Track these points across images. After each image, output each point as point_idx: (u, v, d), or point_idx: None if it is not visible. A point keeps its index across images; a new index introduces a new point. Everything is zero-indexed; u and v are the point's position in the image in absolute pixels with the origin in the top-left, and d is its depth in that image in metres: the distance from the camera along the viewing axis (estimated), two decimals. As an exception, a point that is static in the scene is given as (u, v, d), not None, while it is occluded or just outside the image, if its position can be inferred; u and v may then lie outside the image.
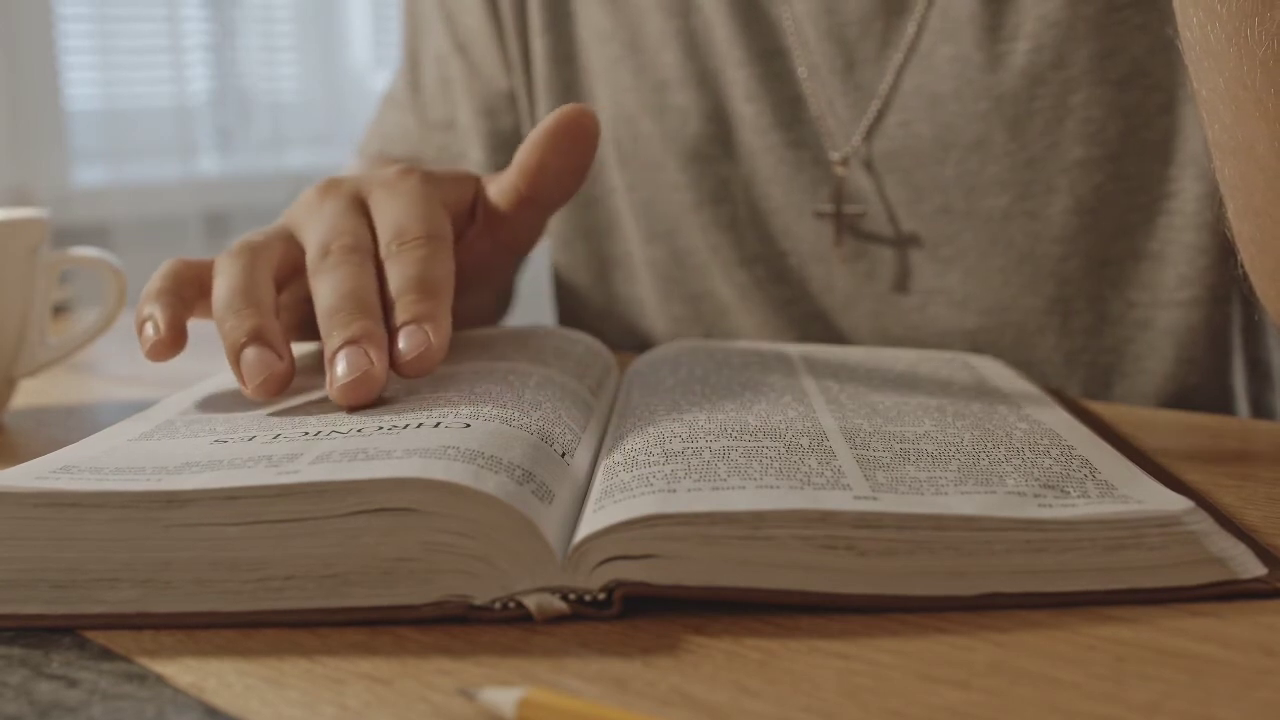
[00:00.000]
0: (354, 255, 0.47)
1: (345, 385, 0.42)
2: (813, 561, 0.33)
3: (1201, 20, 0.41)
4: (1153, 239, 0.61)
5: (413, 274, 0.46)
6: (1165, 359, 0.62)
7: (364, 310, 0.45)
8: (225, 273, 0.47)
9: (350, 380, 0.42)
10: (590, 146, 0.53)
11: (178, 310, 0.47)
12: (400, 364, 0.44)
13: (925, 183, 0.64)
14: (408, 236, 0.47)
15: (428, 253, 0.47)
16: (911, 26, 0.64)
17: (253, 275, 0.47)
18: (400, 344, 0.44)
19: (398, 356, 0.44)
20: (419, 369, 0.44)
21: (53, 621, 0.34)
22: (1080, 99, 0.60)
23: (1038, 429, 0.43)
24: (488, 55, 0.77)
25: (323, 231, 0.48)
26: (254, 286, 0.46)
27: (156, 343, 0.46)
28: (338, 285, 0.45)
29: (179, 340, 0.47)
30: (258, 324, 0.45)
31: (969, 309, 0.64)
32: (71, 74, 1.89)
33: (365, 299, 0.45)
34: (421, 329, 0.44)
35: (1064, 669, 0.30)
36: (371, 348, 0.43)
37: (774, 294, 0.70)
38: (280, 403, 0.45)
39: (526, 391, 0.44)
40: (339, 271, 0.46)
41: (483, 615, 0.33)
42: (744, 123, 0.69)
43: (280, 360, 0.44)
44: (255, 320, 0.45)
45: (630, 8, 0.72)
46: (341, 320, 0.44)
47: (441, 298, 0.46)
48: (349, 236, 0.48)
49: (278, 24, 2.18)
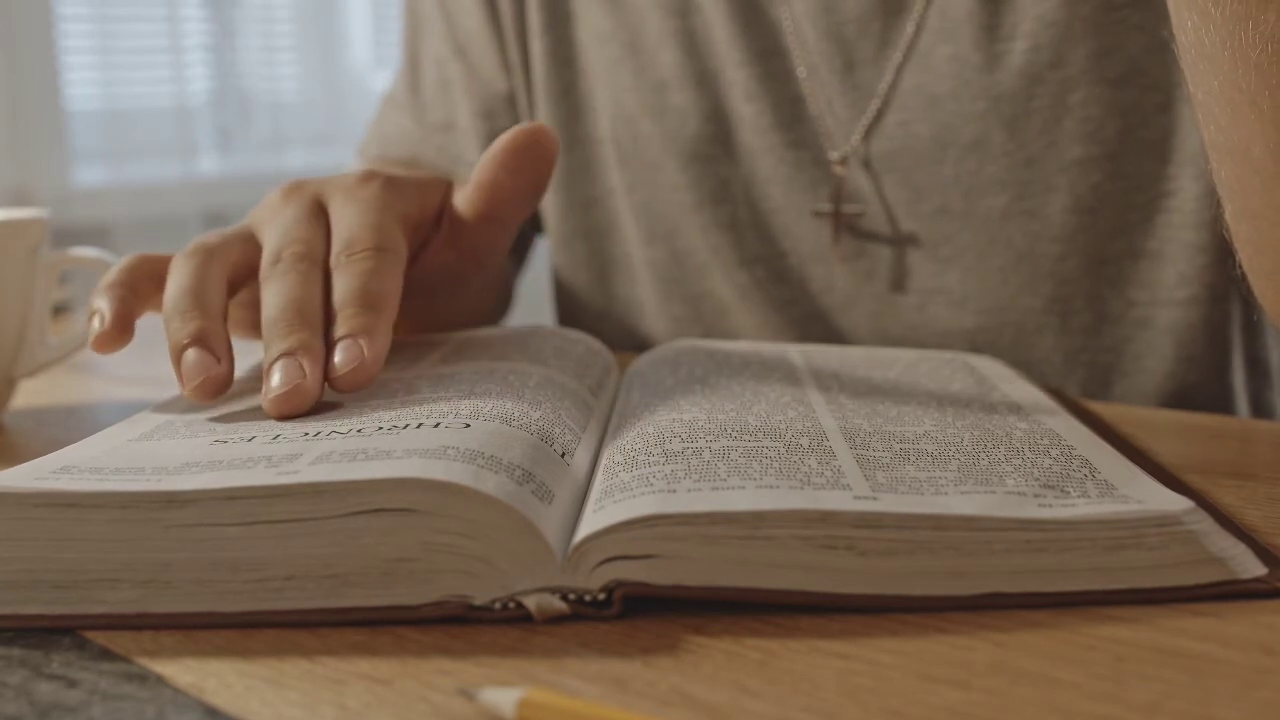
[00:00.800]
0: (302, 264, 0.47)
1: (277, 397, 0.43)
2: (813, 561, 0.33)
3: (1195, 24, 0.41)
4: (1151, 238, 0.61)
5: (356, 286, 0.46)
6: (1165, 358, 0.62)
7: (304, 321, 0.45)
8: (177, 273, 0.47)
9: (282, 393, 0.43)
10: (546, 166, 0.53)
11: (127, 303, 0.48)
12: (333, 378, 0.44)
13: (924, 182, 0.64)
14: (356, 248, 0.47)
15: (373, 265, 0.47)
16: (910, 26, 0.64)
17: (203, 277, 0.47)
18: (335, 358, 0.44)
19: (332, 370, 0.44)
20: (351, 383, 0.44)
21: (53, 622, 0.34)
22: (1078, 98, 0.60)
23: (1038, 429, 0.43)
24: (486, 57, 0.77)
25: (278, 236, 0.48)
26: (203, 289, 0.47)
27: (100, 335, 0.47)
28: (282, 294, 0.46)
29: (123, 333, 0.47)
30: (201, 326, 0.45)
31: (968, 309, 0.64)
32: (71, 74, 1.89)
33: (306, 310, 0.45)
34: (357, 343, 0.44)
35: (1064, 669, 0.30)
36: (306, 360, 0.43)
37: (774, 294, 0.70)
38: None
39: (526, 391, 0.44)
40: (285, 280, 0.46)
41: (483, 615, 0.33)
42: (743, 123, 0.69)
43: (218, 364, 0.45)
44: (199, 323, 0.45)
45: (630, 8, 0.72)
46: (280, 331, 0.45)
47: (382, 311, 0.46)
48: (300, 244, 0.48)
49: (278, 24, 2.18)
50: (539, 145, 0.52)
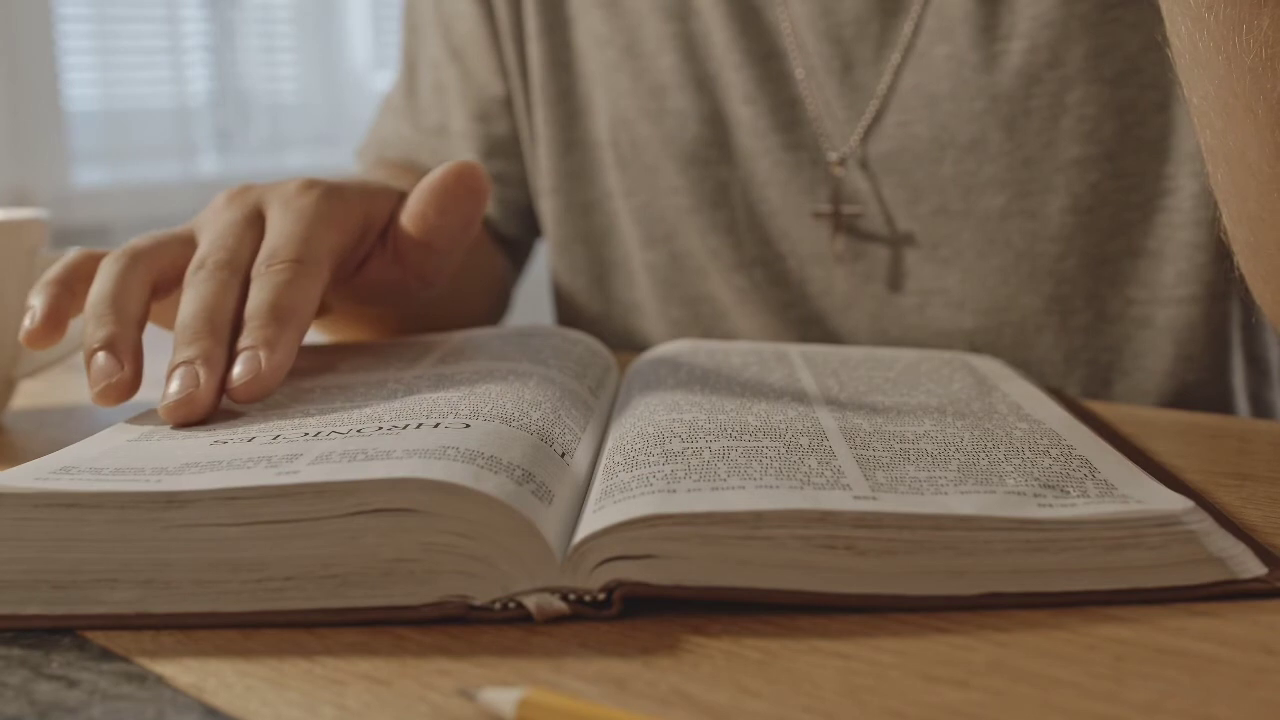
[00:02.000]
0: (222, 272, 0.47)
1: (169, 405, 0.43)
2: (812, 561, 0.33)
3: (1190, 29, 0.41)
4: (1150, 236, 0.61)
5: (266, 299, 0.46)
6: (1164, 356, 0.62)
7: (210, 330, 0.45)
8: (101, 276, 0.48)
9: (174, 401, 0.43)
10: (476, 205, 0.53)
11: (61, 301, 0.48)
12: (230, 389, 0.44)
13: (923, 183, 0.64)
14: (277, 259, 0.48)
15: (288, 278, 0.47)
16: (908, 27, 0.64)
17: (124, 282, 0.48)
18: (235, 369, 0.45)
19: (230, 381, 0.44)
20: (246, 395, 0.44)
21: (53, 622, 0.34)
22: (1076, 97, 0.60)
23: (1037, 429, 0.43)
24: (482, 61, 0.77)
25: (208, 242, 0.49)
26: (122, 293, 0.47)
27: (30, 331, 0.48)
28: (195, 301, 0.46)
29: (54, 331, 0.48)
30: (111, 333, 0.46)
31: (967, 309, 0.64)
32: (71, 74, 1.89)
33: (215, 319, 0.46)
34: (256, 355, 0.45)
35: (1064, 669, 0.30)
36: (204, 370, 0.44)
37: (773, 297, 0.69)
38: (280, 402, 0.45)
39: (526, 391, 0.44)
40: (203, 288, 0.47)
41: (482, 615, 0.33)
42: (742, 125, 0.69)
43: (121, 369, 0.45)
44: (110, 329, 0.46)
45: (628, 12, 0.72)
46: (185, 338, 0.45)
47: (288, 324, 0.46)
48: (225, 252, 0.48)
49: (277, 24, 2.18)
50: (466, 185, 0.52)
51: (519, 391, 0.44)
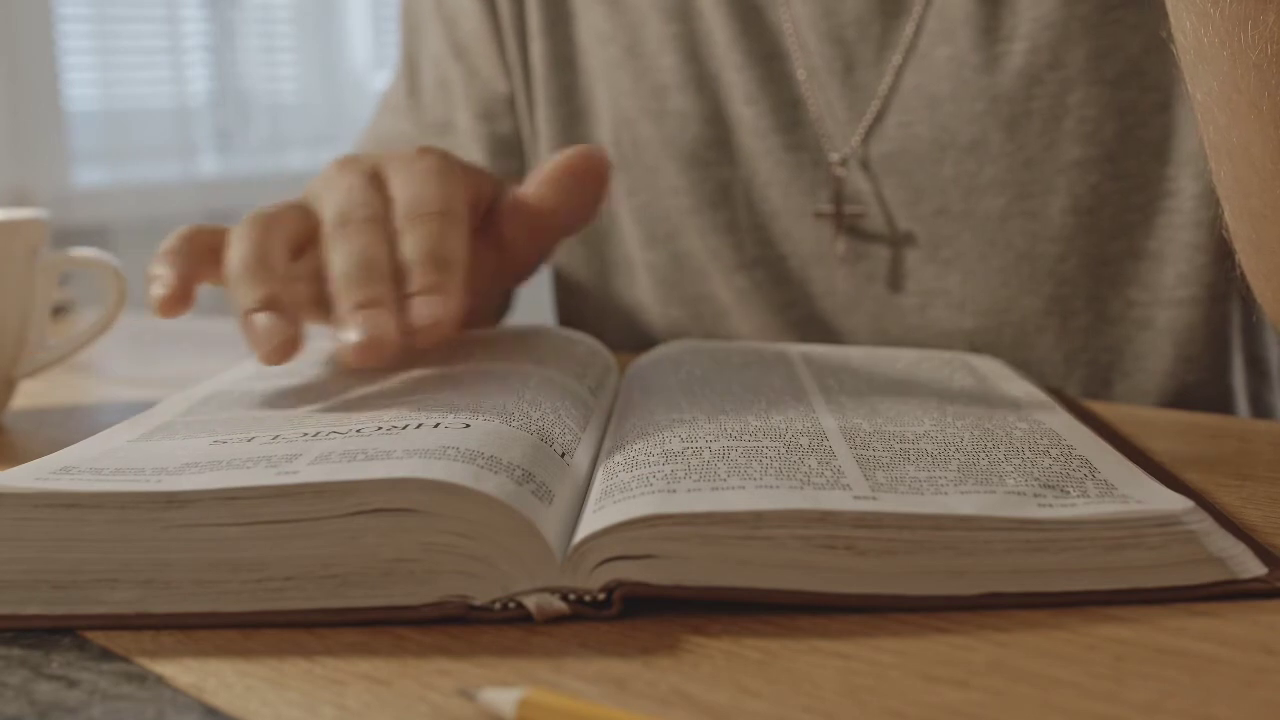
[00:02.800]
0: (370, 225, 0.47)
1: (358, 347, 0.43)
2: (812, 561, 0.33)
3: (1194, 25, 0.41)
4: (1151, 238, 0.61)
5: (426, 247, 0.46)
6: (1165, 358, 0.62)
7: (378, 277, 0.45)
8: (239, 240, 0.47)
9: (363, 342, 0.43)
10: (600, 187, 0.53)
11: (189, 269, 0.48)
12: (412, 332, 0.44)
13: (924, 184, 0.64)
14: (422, 210, 0.47)
15: (440, 227, 0.47)
16: (909, 27, 0.64)
17: (266, 243, 0.47)
18: (414, 312, 0.44)
19: (409, 326, 0.44)
20: (430, 338, 0.44)
21: (53, 622, 0.34)
22: (1077, 99, 0.60)
23: (1038, 429, 0.43)
24: (486, 58, 0.77)
25: (339, 202, 0.48)
26: (267, 254, 0.46)
27: (165, 299, 0.47)
28: (352, 253, 0.46)
29: (187, 297, 0.47)
30: (270, 291, 0.45)
31: (968, 310, 0.64)
32: (71, 74, 1.89)
33: (379, 267, 0.45)
34: (434, 300, 0.44)
35: (1064, 669, 0.30)
36: (384, 313, 0.43)
37: (774, 297, 0.69)
38: (280, 403, 0.45)
39: (526, 391, 0.44)
40: (354, 241, 0.46)
41: (482, 615, 0.33)
42: (743, 126, 0.69)
43: (290, 326, 0.44)
44: (267, 288, 0.45)
45: (630, 11, 0.72)
46: (356, 285, 0.44)
47: (454, 271, 0.46)
48: (364, 208, 0.48)
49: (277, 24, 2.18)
50: (593, 168, 0.52)
51: (519, 391, 0.44)
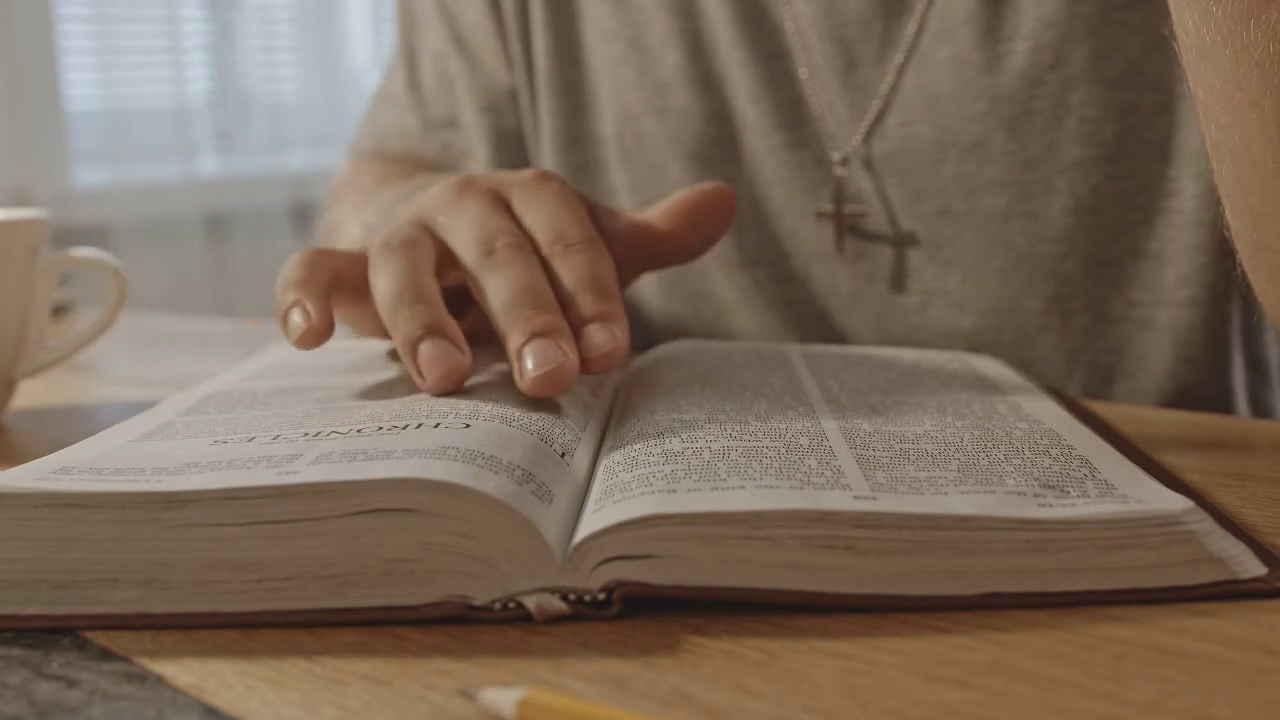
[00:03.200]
0: (522, 253, 0.46)
1: (540, 377, 0.42)
2: (812, 561, 0.33)
3: (1196, 23, 0.41)
4: (1152, 238, 0.61)
5: (586, 273, 0.46)
6: (1165, 358, 0.62)
7: (546, 305, 0.45)
8: (388, 268, 0.46)
9: (546, 372, 0.42)
10: (723, 227, 0.52)
11: (325, 298, 0.47)
12: (589, 360, 0.44)
13: (925, 183, 0.64)
14: (570, 239, 0.47)
15: (594, 255, 0.47)
16: (911, 27, 0.64)
17: (417, 269, 0.46)
18: (590, 340, 0.44)
19: (586, 353, 0.44)
20: (608, 365, 0.44)
21: (53, 622, 0.34)
22: (1078, 99, 0.60)
23: (1038, 429, 0.43)
24: (489, 52, 0.77)
25: (478, 229, 0.48)
26: (421, 280, 0.46)
27: (308, 330, 0.46)
28: (513, 281, 0.45)
29: (329, 327, 0.46)
30: (433, 318, 0.45)
31: (969, 310, 0.64)
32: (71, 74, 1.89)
33: (544, 295, 0.45)
34: (608, 327, 0.45)
35: (1064, 669, 0.30)
36: (562, 340, 0.43)
37: (775, 295, 0.70)
38: (280, 403, 0.45)
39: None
40: (511, 269, 0.46)
41: (483, 615, 0.33)
42: (746, 124, 0.69)
43: (461, 354, 0.44)
44: (430, 315, 0.45)
45: (634, 8, 0.72)
46: (526, 314, 0.44)
47: (617, 299, 0.46)
48: (511, 235, 0.47)
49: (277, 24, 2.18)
50: (723, 206, 0.52)
51: (519, 391, 0.44)
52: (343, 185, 0.82)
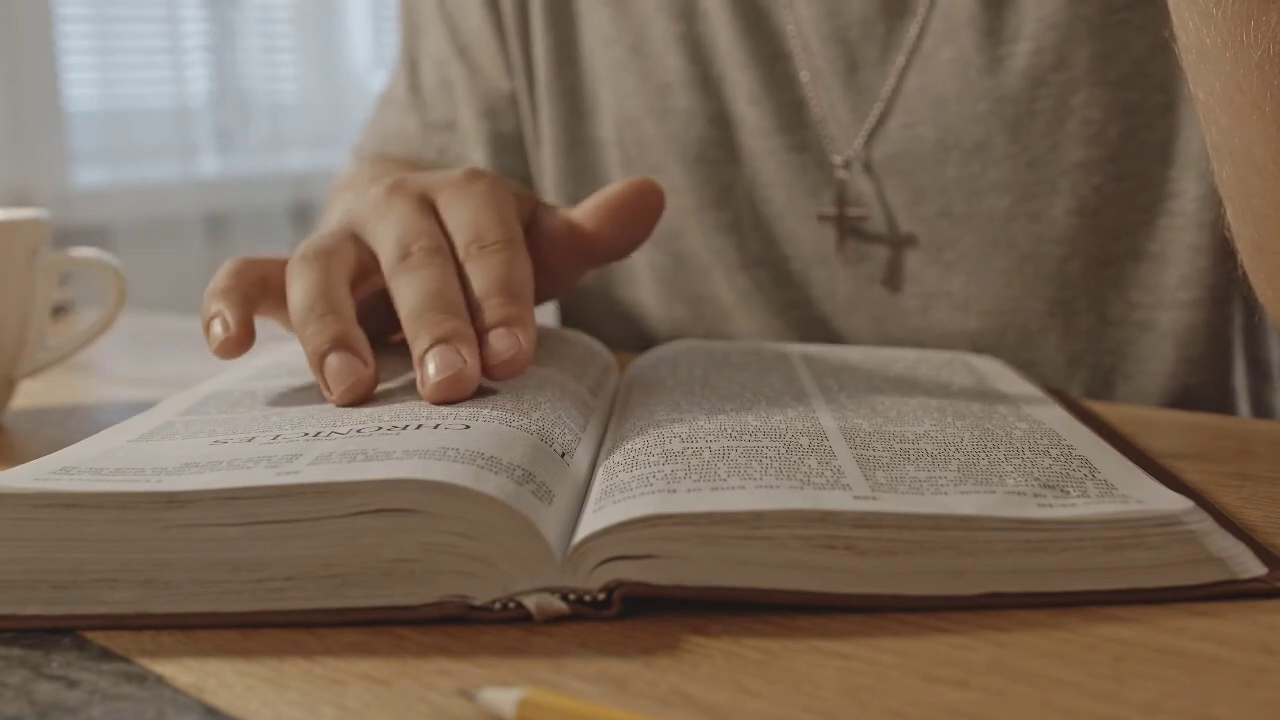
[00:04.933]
0: (436, 257, 0.46)
1: (440, 383, 0.42)
2: (812, 561, 0.33)
3: (1197, 24, 0.41)
4: (1154, 240, 0.61)
5: (497, 276, 0.46)
6: (1167, 359, 0.62)
7: (452, 310, 0.44)
8: (301, 278, 0.47)
9: (444, 378, 0.42)
10: (651, 223, 0.52)
11: (246, 308, 0.47)
12: (491, 366, 0.44)
13: (926, 185, 0.64)
14: (487, 240, 0.47)
15: (509, 256, 0.47)
16: (913, 29, 0.64)
17: (329, 280, 0.46)
18: (492, 345, 0.44)
19: (489, 359, 0.44)
20: (511, 371, 0.44)
21: (53, 622, 0.34)
22: (1081, 100, 0.60)
23: (1038, 429, 0.43)
24: (489, 57, 0.77)
25: (398, 233, 0.48)
26: (333, 292, 0.46)
27: (226, 340, 0.46)
28: (422, 286, 0.45)
29: (249, 337, 0.46)
30: (340, 330, 0.45)
31: (970, 311, 0.64)
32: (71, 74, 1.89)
33: (452, 299, 0.45)
34: (512, 332, 0.44)
35: (1064, 669, 0.30)
36: (463, 346, 0.43)
37: (776, 298, 0.69)
38: (280, 403, 0.45)
39: (526, 392, 0.44)
40: (422, 272, 0.46)
41: (483, 615, 0.33)
42: (747, 126, 0.69)
43: (365, 366, 0.44)
44: (337, 326, 0.45)
45: (634, 12, 0.72)
46: (431, 320, 0.44)
47: (526, 301, 0.46)
48: (427, 238, 0.47)
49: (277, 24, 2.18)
50: (649, 202, 0.52)
51: (518, 392, 0.44)
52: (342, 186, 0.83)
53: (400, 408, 0.42)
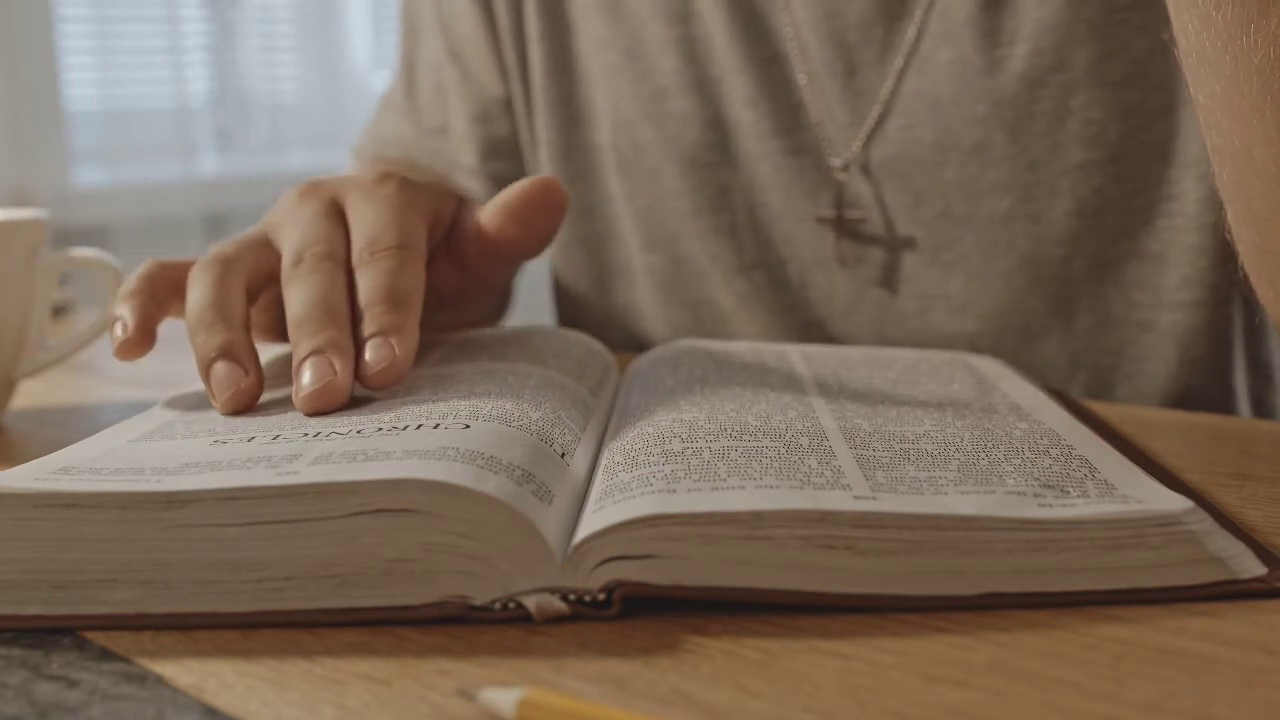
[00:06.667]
0: (325, 263, 0.47)
1: (309, 395, 0.43)
2: (812, 561, 0.33)
3: (1197, 28, 0.41)
4: (1154, 240, 0.61)
5: (382, 284, 0.46)
6: (1167, 360, 0.62)
7: (331, 320, 0.45)
8: (197, 285, 0.47)
9: (313, 390, 0.43)
10: (556, 220, 0.52)
11: (149, 311, 0.48)
12: (365, 376, 0.44)
13: (925, 187, 0.64)
14: (379, 245, 0.47)
15: (398, 263, 0.47)
16: (911, 31, 0.64)
17: (224, 288, 0.47)
18: (366, 356, 0.44)
19: (363, 368, 0.44)
20: (384, 381, 0.44)
21: (53, 622, 0.34)
22: (1080, 101, 0.60)
23: (1037, 429, 0.43)
24: (482, 62, 0.77)
25: (298, 238, 0.48)
26: (224, 300, 0.47)
27: (124, 342, 0.47)
28: (307, 293, 0.46)
29: (146, 340, 0.47)
30: (226, 339, 0.45)
31: (970, 313, 0.64)
32: (71, 74, 1.89)
33: (333, 308, 0.45)
34: (387, 341, 0.45)
35: (1064, 669, 0.30)
36: (336, 357, 0.44)
37: (774, 301, 0.69)
38: (280, 403, 0.45)
39: (526, 392, 0.44)
40: (310, 279, 0.46)
41: (482, 616, 0.33)
42: (743, 129, 0.69)
43: (246, 375, 0.45)
44: (224, 335, 0.45)
45: (629, 16, 0.71)
46: (309, 329, 0.45)
47: (409, 309, 0.46)
48: (322, 244, 0.48)
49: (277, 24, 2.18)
50: (550, 201, 0.52)
51: (519, 392, 0.44)
52: None
53: (401, 408, 0.42)
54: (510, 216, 0.52)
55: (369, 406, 0.43)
